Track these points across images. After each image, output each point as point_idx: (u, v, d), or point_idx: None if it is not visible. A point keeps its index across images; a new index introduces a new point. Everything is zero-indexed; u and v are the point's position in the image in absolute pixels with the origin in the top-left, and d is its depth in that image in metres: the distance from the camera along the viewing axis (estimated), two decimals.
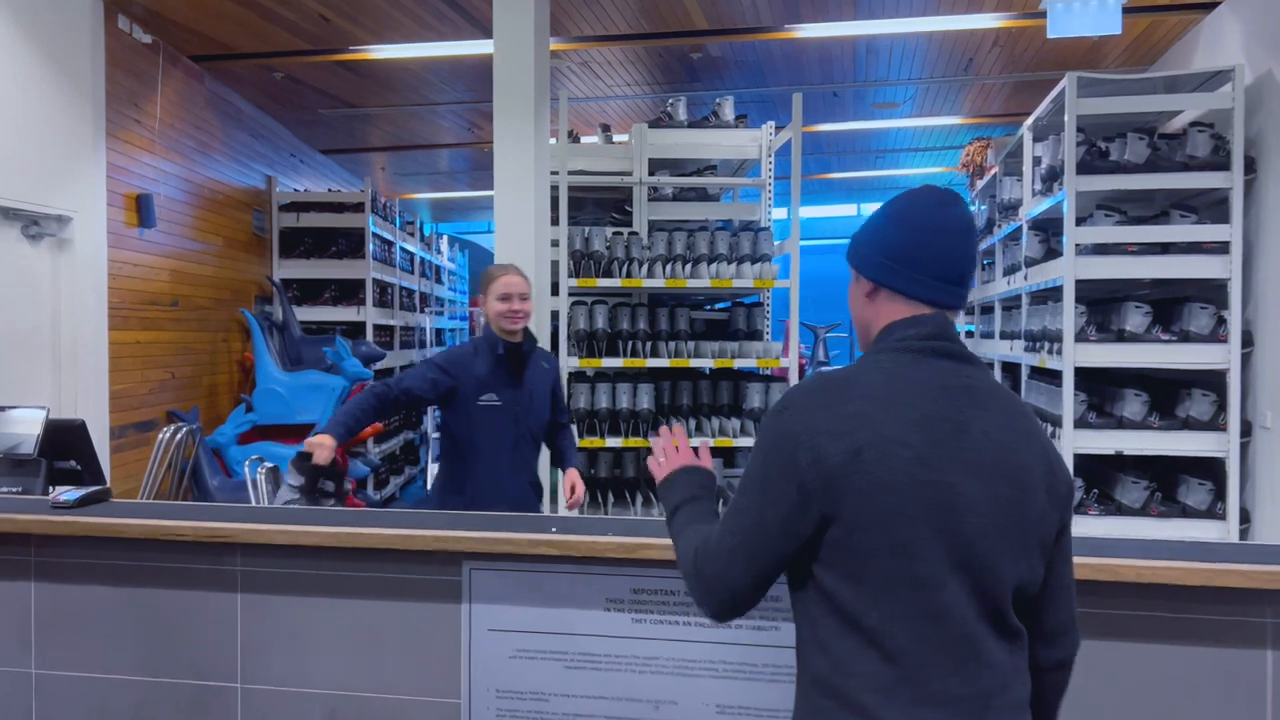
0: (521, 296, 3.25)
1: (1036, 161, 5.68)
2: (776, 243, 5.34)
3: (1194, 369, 4.64)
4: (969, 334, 9.07)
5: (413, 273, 10.11)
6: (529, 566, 2.29)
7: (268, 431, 6.58)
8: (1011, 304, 6.77)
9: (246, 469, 5.12)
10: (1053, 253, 5.61)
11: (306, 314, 7.90)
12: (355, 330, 8.04)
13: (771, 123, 5.81)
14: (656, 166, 5.95)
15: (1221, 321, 4.58)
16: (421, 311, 10.63)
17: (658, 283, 5.05)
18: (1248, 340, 4.63)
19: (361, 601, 2.38)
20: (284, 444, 6.47)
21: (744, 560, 1.42)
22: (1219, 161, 4.57)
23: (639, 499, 5.10)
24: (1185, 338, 4.63)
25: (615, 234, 5.27)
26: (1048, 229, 5.67)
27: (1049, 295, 5.47)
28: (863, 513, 1.34)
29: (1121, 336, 4.71)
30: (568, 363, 4.99)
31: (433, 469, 9.31)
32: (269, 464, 5.29)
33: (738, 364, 5.12)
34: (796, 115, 5.09)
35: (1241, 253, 4.53)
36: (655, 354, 5.06)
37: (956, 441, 1.36)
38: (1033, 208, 5.61)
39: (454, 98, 7.55)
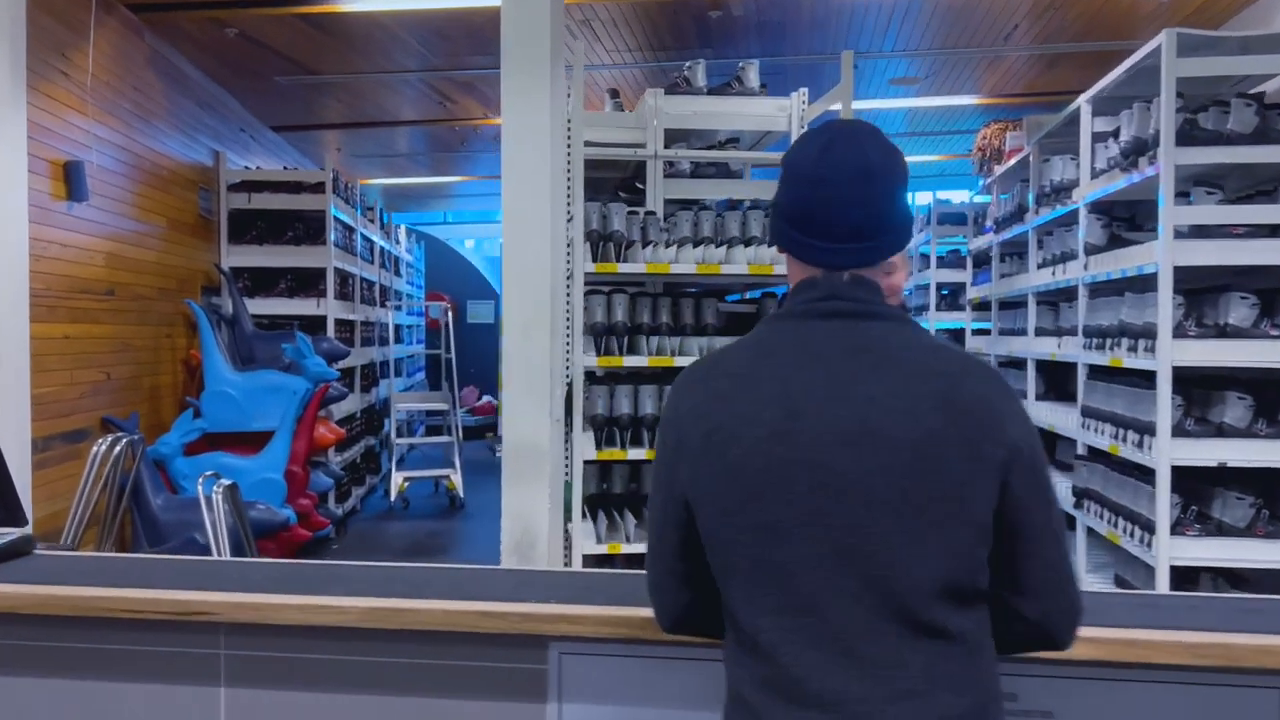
0: (885, 268, 2.53)
1: (1100, 137, 5.10)
2: None
3: None
4: (980, 332, 8.53)
5: (373, 263, 9.27)
6: (644, 651, 1.58)
7: (219, 440, 5.73)
8: (1050, 298, 6.19)
9: (200, 486, 4.33)
10: (1117, 239, 5.03)
11: (259, 306, 7.04)
12: (313, 325, 7.19)
13: (804, 90, 5.13)
14: (672, 139, 5.24)
15: None
16: (382, 306, 9.79)
17: (687, 268, 4.35)
18: None
19: (400, 699, 1.65)
20: (238, 454, 5.64)
21: (656, 559, 1.39)
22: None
23: None
24: None
25: (631, 213, 4.56)
26: (1112, 212, 5.09)
27: (1117, 287, 4.88)
28: (719, 499, 1.27)
29: (1224, 332, 4.12)
30: (583, 361, 4.26)
31: (397, 477, 8.50)
32: (226, 480, 4.51)
33: None
34: (847, 78, 4.42)
35: None
36: (684, 351, 4.35)
37: (829, 411, 1.24)
38: (1096, 189, 5.02)
39: (427, 63, 6.75)
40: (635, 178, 5.34)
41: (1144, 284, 4.40)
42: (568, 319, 4.28)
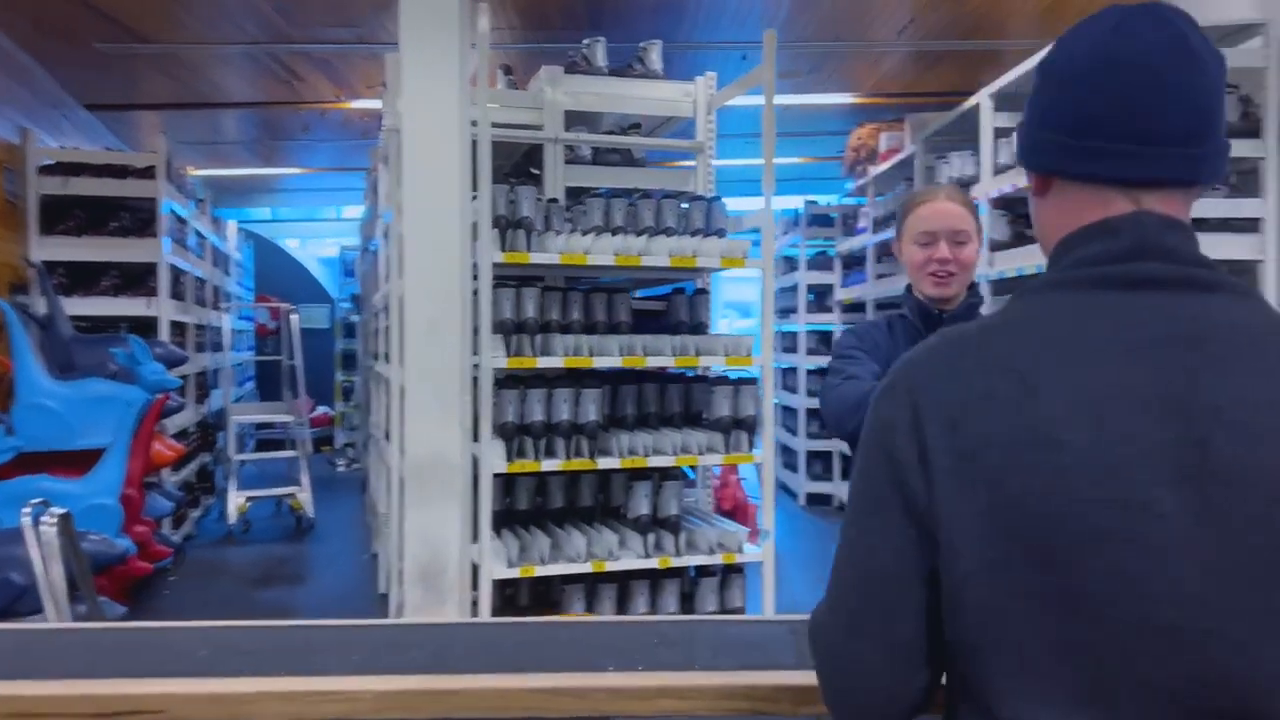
0: (956, 238, 2.08)
1: (1002, 133, 5.06)
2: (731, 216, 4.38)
3: None
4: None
5: (205, 260, 8.36)
6: None
7: (37, 461, 4.88)
8: None
9: (25, 517, 3.61)
10: (1024, 238, 5.00)
11: (78, 307, 6.12)
12: (142, 328, 6.32)
13: (712, 74, 4.85)
14: (570, 121, 4.83)
15: None
16: (215, 308, 8.87)
17: (605, 259, 3.96)
18: None
19: None
20: (63, 476, 4.81)
21: (859, 624, 0.95)
22: (1249, 128, 4.05)
23: (590, 540, 3.96)
24: None
25: (536, 200, 4.13)
26: (1017, 208, 5.06)
27: (1010, 286, 4.84)
28: (983, 545, 0.88)
29: None
30: (491, 362, 3.79)
31: (238, 497, 7.65)
32: (58, 509, 3.78)
33: (703, 363, 4.12)
34: (769, 59, 4.15)
35: (1277, 231, 4.04)
36: (602, 351, 3.96)
37: (1155, 433, 0.86)
38: (1004, 184, 4.97)
39: (276, 33, 6.05)
40: (530, 162, 4.90)
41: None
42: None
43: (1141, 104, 0.93)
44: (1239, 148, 4.05)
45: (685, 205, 4.28)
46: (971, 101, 5.35)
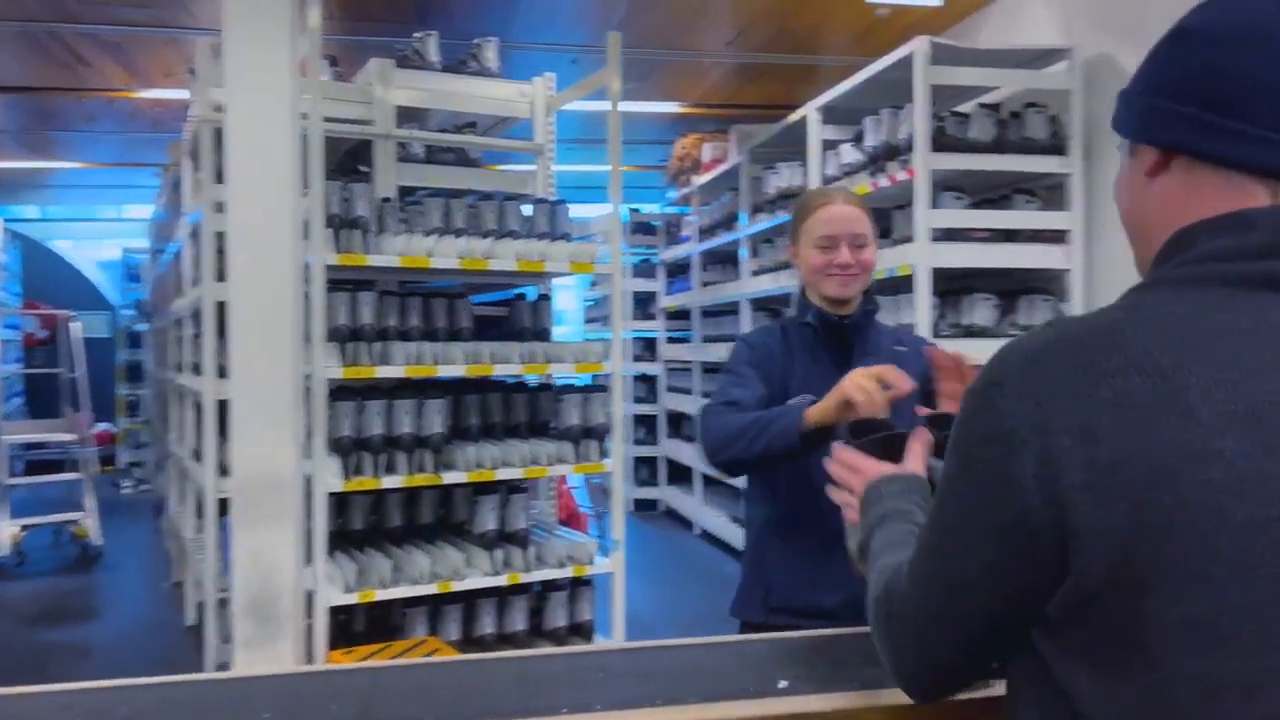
0: (855, 240, 2.01)
1: (830, 145, 5.21)
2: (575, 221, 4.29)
3: None
4: (676, 340, 8.58)
5: None
6: None
7: None
8: (769, 304, 6.30)
9: None
10: None
11: None
12: None
13: (551, 75, 4.73)
14: (401, 118, 4.59)
15: (1062, 314, 4.35)
16: None
17: (449, 262, 3.77)
18: None
19: None
20: None
21: (943, 629, 0.92)
22: (1057, 145, 4.34)
23: (434, 559, 3.75)
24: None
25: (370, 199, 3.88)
26: None
27: (882, 287, 4.98)
28: (1118, 568, 0.79)
29: (970, 331, 4.32)
30: (325, 371, 3.53)
31: (11, 526, 6.83)
32: None
33: (553, 371, 3.99)
34: (614, 62, 4.08)
35: (1083, 242, 4.34)
36: (447, 359, 3.76)
37: None
38: None
39: (62, 11, 5.45)
40: (356, 159, 4.63)
41: (896, 286, 4.49)
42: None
43: None
44: (1049, 164, 4.34)
45: (529, 208, 4.15)
46: (799, 114, 5.49)
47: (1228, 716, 0.78)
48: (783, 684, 1.13)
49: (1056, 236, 4.36)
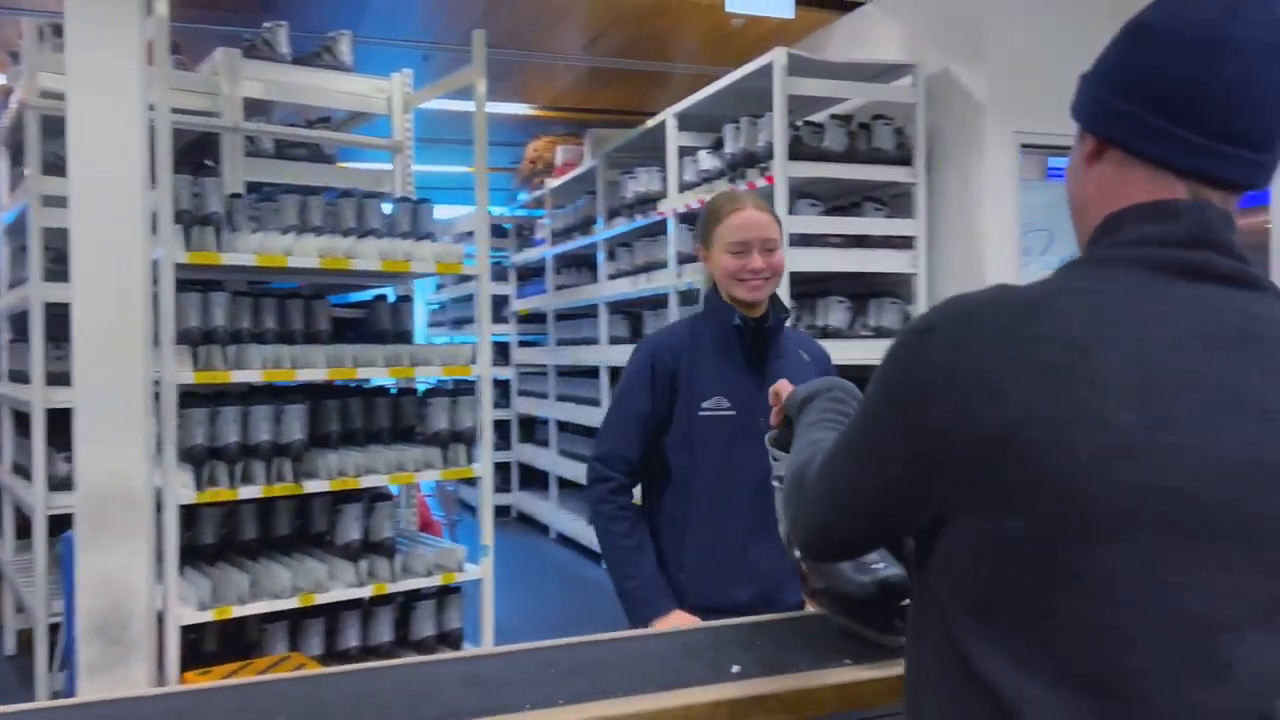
0: (767, 245, 2.05)
1: (687, 152, 5.31)
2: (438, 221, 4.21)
3: None
4: (527, 344, 8.53)
5: None
6: None
7: None
8: (628, 307, 6.35)
9: None
10: None
11: None
12: None
13: (408, 71, 4.62)
14: (249, 111, 4.37)
15: (908, 317, 4.59)
16: None
17: (308, 261, 3.62)
18: None
19: None
20: None
21: (829, 508, 1.03)
22: (903, 156, 4.57)
23: (294, 572, 3.59)
24: (879, 333, 4.56)
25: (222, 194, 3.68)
26: (691, 221, 5.33)
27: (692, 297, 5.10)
28: (1007, 516, 0.85)
29: (825, 333, 4.49)
30: (176, 375, 3.32)
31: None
32: None
33: (419, 373, 3.90)
34: (479, 60, 4.03)
35: (926, 248, 4.59)
36: (307, 363, 3.61)
37: (1218, 425, 0.84)
38: (687, 201, 5.22)
39: None
40: (200, 153, 4.38)
41: None
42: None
43: (1233, 100, 0.89)
44: (896, 174, 4.57)
45: (390, 206, 4.04)
46: (656, 120, 5.56)
47: (1106, 667, 0.84)
48: (735, 669, 1.14)
49: (904, 242, 4.58)
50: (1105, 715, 0.84)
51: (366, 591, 3.68)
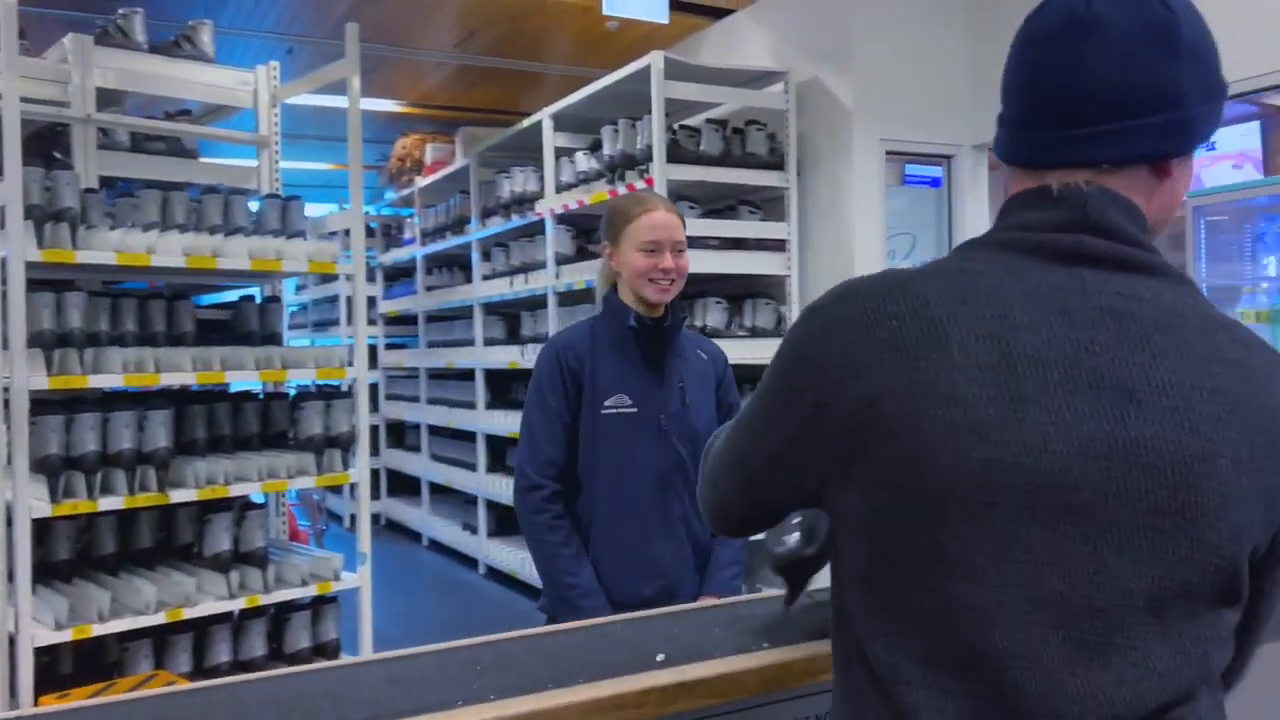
0: (676, 247, 2.07)
1: (564, 153, 5.31)
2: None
3: (763, 364, 4.69)
4: (395, 346, 8.35)
5: None
6: None
7: None
8: (504, 309, 6.29)
9: None
10: (585, 252, 5.29)
11: None
12: None
13: (275, 63, 4.46)
14: (103, 101, 4.13)
15: (782, 318, 4.72)
16: None
17: (173, 260, 3.45)
18: None
19: None
20: None
21: (731, 481, 1.05)
22: (775, 161, 4.70)
23: (159, 586, 3.41)
24: (755, 333, 4.67)
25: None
26: (579, 224, 5.33)
27: (587, 296, 5.12)
28: (871, 491, 0.89)
29: (704, 333, 4.56)
30: (27, 381, 3.11)
31: None
32: None
33: (292, 376, 3.77)
34: (353, 53, 3.93)
35: (798, 250, 4.73)
36: (173, 366, 3.43)
37: (1067, 402, 0.84)
38: (572, 200, 5.21)
39: None
40: (46, 144, 4.11)
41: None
42: None
43: (1058, 81, 0.91)
44: (769, 178, 4.69)
45: (258, 203, 3.89)
46: (532, 119, 5.54)
47: (974, 649, 0.84)
48: (660, 657, 1.16)
49: (777, 245, 4.71)
50: (977, 699, 0.84)
51: (238, 604, 3.53)
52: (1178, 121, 0.90)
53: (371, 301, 8.48)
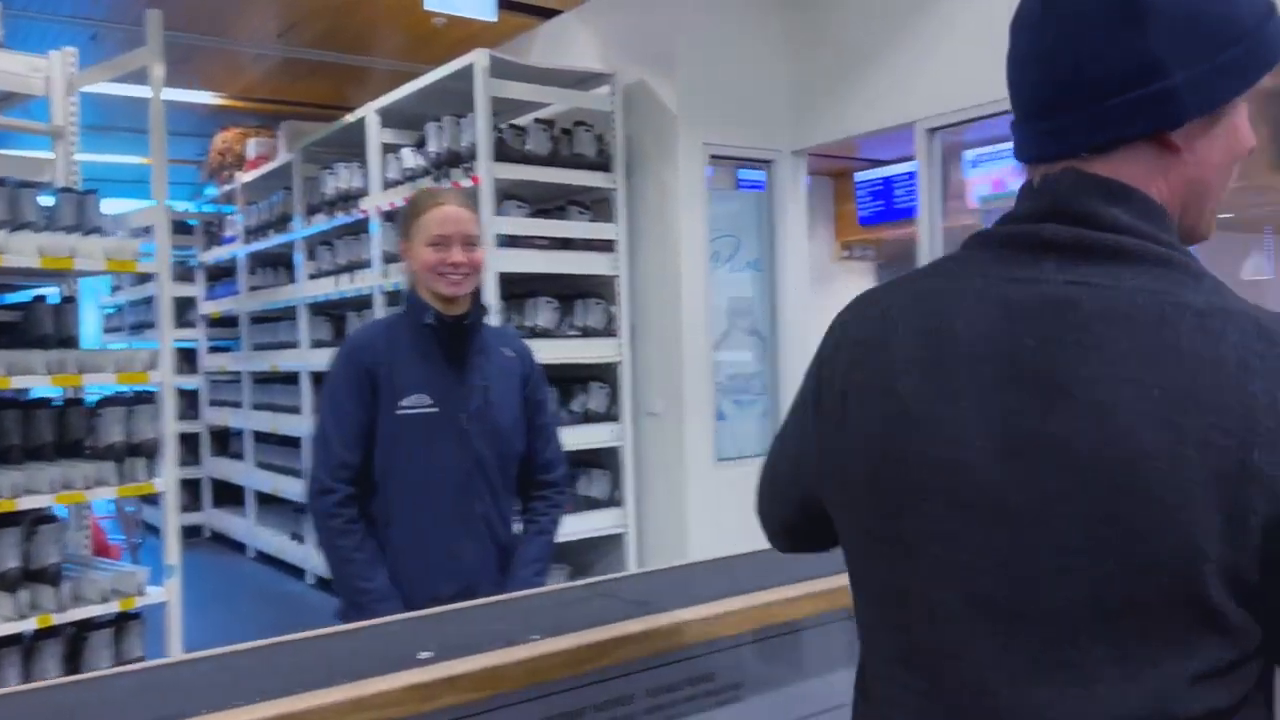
0: (467, 241, 2.03)
1: (391, 148, 5.20)
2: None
3: (593, 363, 4.74)
4: (219, 350, 7.99)
5: None
6: None
7: None
8: (334, 308, 6.10)
9: None
10: None
11: None
12: None
13: (71, 49, 4.18)
14: None
15: (612, 318, 4.77)
16: None
17: None
18: (631, 334, 4.91)
19: None
20: None
21: (766, 488, 1.07)
22: (603, 162, 4.75)
23: None
24: (586, 333, 4.71)
25: None
26: (397, 220, 5.23)
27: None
28: (837, 485, 0.93)
29: (534, 332, 4.57)
30: None
31: None
32: None
33: (90, 381, 3.54)
34: (155, 38, 3.73)
35: (627, 250, 4.79)
36: None
37: (996, 397, 0.81)
38: (391, 198, 5.11)
39: None
40: None
41: None
42: None
43: (1016, 75, 0.89)
44: (597, 179, 4.73)
45: (51, 197, 3.64)
46: (357, 115, 5.40)
47: (926, 647, 0.84)
48: (426, 654, 1.15)
49: (605, 245, 4.76)
50: (931, 700, 0.83)
51: (30, 624, 3.30)
52: (1157, 94, 0.81)
53: (192, 302, 8.08)
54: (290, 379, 6.36)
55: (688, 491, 4.68)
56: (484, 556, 2.09)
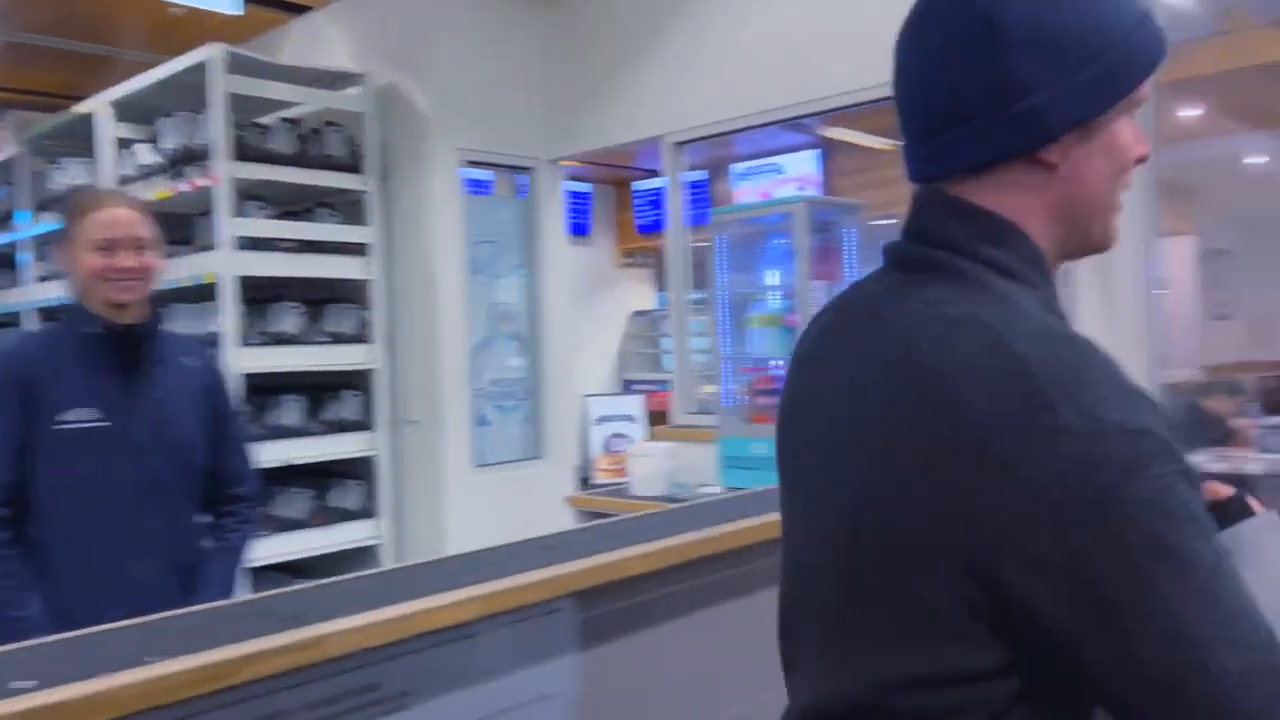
0: (136, 244, 1.90)
1: (126, 144, 4.87)
2: None
3: (345, 370, 4.62)
4: None
5: None
6: None
7: None
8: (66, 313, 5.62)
9: None
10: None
11: None
12: None
13: None
14: None
15: (366, 323, 4.66)
16: None
17: None
18: (387, 340, 4.81)
19: None
20: None
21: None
22: (354, 163, 4.63)
23: None
24: (337, 339, 4.58)
25: None
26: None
27: (186, 294, 4.67)
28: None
29: (280, 339, 4.40)
30: None
31: None
32: None
33: None
34: None
35: (383, 255, 4.69)
36: None
37: (813, 397, 0.92)
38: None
39: None
40: None
41: (200, 294, 4.36)
42: None
43: (898, 103, 0.91)
44: (348, 180, 4.61)
45: None
46: (86, 106, 5.03)
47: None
48: (28, 684, 1.09)
49: (358, 249, 4.65)
50: (788, 670, 0.96)
51: None
52: (1019, 115, 0.81)
53: None
54: None
55: (446, 499, 4.64)
56: (160, 576, 1.99)
